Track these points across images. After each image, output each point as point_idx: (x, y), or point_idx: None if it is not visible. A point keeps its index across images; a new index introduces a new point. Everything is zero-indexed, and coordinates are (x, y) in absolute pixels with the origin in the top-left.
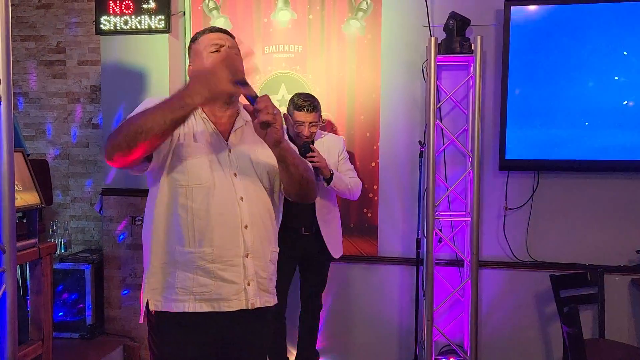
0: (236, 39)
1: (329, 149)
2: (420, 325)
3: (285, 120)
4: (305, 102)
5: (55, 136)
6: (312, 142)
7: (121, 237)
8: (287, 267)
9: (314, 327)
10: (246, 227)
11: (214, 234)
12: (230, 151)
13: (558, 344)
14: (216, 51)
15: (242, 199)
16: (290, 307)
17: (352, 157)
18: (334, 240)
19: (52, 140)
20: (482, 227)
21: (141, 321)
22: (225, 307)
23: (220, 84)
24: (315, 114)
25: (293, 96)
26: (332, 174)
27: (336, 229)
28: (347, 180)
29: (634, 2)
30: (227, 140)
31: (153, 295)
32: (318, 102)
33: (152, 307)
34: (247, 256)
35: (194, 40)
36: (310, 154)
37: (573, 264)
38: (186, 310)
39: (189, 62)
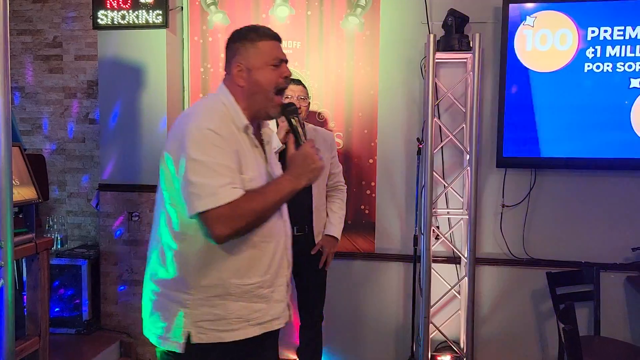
0: None
1: (324, 141)
2: (416, 321)
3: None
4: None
5: (51, 131)
6: (303, 126)
7: (118, 232)
8: None
9: (318, 347)
10: (287, 248)
11: (272, 262)
12: (269, 173)
13: (554, 340)
14: (276, 65)
15: (284, 220)
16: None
17: (350, 154)
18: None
19: (48, 135)
20: (479, 224)
21: (181, 351)
22: (277, 325)
23: (320, 168)
24: (303, 88)
25: None
26: (337, 239)
27: (324, 220)
28: (341, 213)
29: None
30: (266, 160)
31: (197, 329)
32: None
33: (196, 340)
34: (289, 274)
35: (249, 39)
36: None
37: (569, 262)
38: (240, 338)
39: (237, 58)
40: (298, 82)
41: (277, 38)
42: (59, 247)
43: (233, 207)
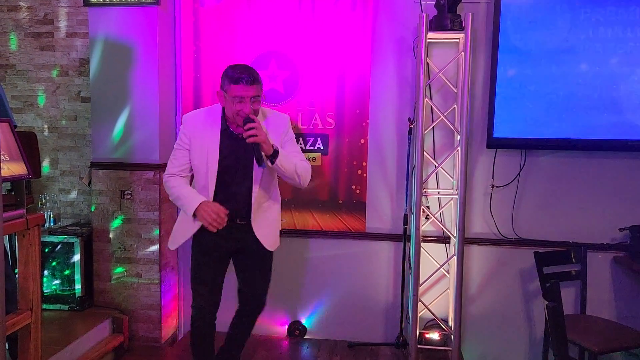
0: None
1: (274, 129)
2: (406, 300)
3: (220, 99)
4: (243, 73)
5: (43, 109)
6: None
7: (110, 210)
8: (221, 261)
9: (247, 331)
10: None
11: None
12: None
13: (541, 319)
14: None
15: None
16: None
17: (341, 134)
18: (266, 231)
19: (40, 113)
20: (469, 204)
21: None
22: None
23: None
24: (257, 87)
25: (227, 68)
26: (275, 151)
27: (271, 218)
28: (295, 160)
29: None
30: None
31: None
32: (258, 74)
33: None
34: None
35: None
36: (249, 125)
37: (557, 242)
38: None
39: None
40: (252, 80)
41: None
42: (51, 224)
43: None
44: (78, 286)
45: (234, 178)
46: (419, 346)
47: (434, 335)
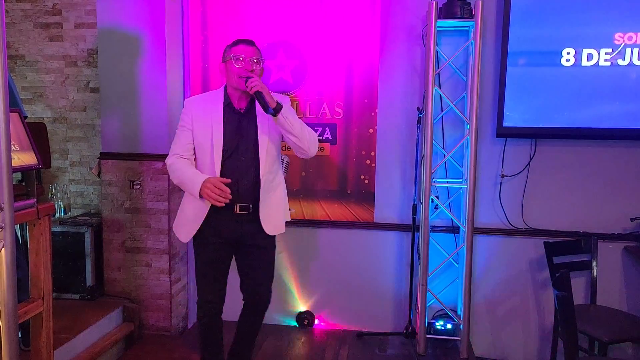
0: None
1: None
2: (414, 290)
3: (222, 73)
4: (241, 39)
5: (53, 100)
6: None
7: (120, 200)
8: (223, 253)
9: (255, 328)
10: None
11: None
12: None
13: (550, 309)
14: None
15: None
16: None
17: (349, 123)
18: (270, 212)
19: (49, 104)
20: (479, 194)
21: None
22: None
23: None
24: (257, 51)
25: (225, 48)
26: (279, 104)
27: (278, 198)
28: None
29: None
30: None
31: None
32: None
33: None
34: None
35: None
36: (250, 79)
37: (567, 231)
38: None
39: None
40: (251, 43)
41: None
42: (62, 214)
43: None
44: (88, 275)
45: (239, 154)
46: (427, 336)
47: (443, 325)
